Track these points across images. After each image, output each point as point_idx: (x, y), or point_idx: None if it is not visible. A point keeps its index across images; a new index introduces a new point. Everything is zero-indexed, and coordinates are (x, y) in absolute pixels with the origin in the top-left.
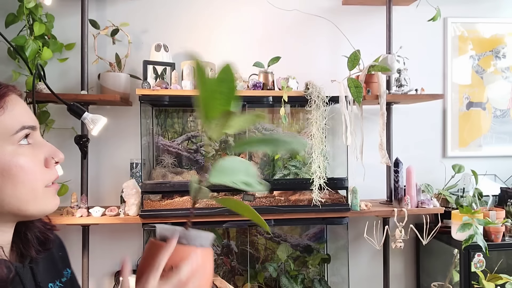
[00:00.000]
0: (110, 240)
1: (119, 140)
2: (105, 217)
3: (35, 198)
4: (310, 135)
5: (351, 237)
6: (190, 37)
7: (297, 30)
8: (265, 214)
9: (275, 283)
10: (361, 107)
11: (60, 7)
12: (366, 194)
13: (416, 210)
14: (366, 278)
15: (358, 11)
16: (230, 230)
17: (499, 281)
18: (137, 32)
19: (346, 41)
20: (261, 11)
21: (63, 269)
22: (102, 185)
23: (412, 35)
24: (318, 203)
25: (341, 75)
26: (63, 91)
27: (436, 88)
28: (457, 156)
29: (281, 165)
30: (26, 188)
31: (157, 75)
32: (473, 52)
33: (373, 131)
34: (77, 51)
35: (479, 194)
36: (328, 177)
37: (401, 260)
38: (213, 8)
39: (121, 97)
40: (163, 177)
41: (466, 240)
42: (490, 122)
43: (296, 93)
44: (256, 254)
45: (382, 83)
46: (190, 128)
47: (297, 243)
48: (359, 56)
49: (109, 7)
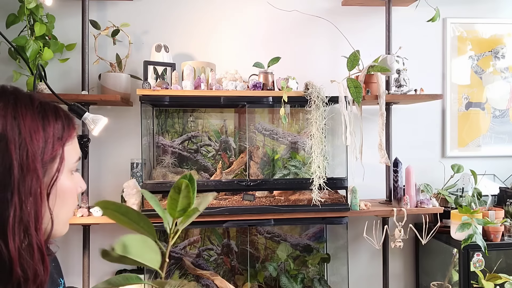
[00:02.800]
0: (111, 240)
1: (119, 140)
2: (106, 217)
3: (66, 221)
4: (310, 135)
5: (350, 237)
6: (191, 37)
7: (297, 31)
8: (265, 213)
9: (275, 282)
10: (360, 107)
11: (60, 8)
12: (365, 194)
13: (416, 210)
14: (366, 277)
15: (358, 11)
16: (230, 229)
17: (498, 280)
18: (138, 33)
19: (345, 41)
20: (261, 12)
21: (57, 279)
22: (103, 185)
23: (412, 36)
24: (317, 203)
25: (340, 76)
26: (64, 92)
27: (435, 89)
28: (456, 156)
29: (281, 165)
30: (68, 211)
31: (158, 76)
32: (472, 53)
33: (373, 131)
34: (77, 52)
35: (478, 194)
36: (328, 177)
37: (401, 259)
38: (213, 9)
39: (121, 97)
40: (164, 177)
41: (465, 239)
42: (489, 122)
43: (296, 93)
44: (256, 254)
45: (382, 83)
46: (190, 128)
47: (297, 243)
48: (358, 57)
49: (110, 7)
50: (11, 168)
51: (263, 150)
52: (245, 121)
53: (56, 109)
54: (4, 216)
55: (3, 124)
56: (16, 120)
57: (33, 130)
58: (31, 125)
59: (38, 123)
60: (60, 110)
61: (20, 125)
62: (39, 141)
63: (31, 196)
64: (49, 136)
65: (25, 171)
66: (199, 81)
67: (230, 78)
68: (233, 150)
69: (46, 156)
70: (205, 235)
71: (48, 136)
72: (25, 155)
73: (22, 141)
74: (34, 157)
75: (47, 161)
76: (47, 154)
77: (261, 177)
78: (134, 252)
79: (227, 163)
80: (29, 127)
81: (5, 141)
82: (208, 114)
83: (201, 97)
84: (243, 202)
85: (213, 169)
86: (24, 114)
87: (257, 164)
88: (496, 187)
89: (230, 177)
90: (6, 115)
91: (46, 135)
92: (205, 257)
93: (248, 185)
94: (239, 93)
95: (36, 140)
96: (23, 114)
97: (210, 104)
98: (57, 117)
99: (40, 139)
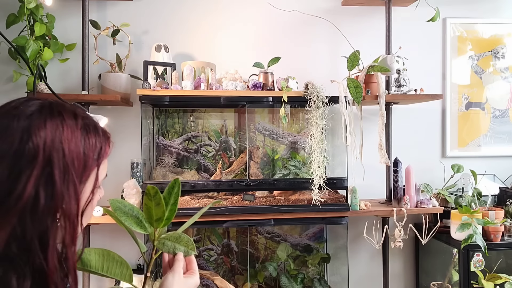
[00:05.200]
0: (111, 239)
1: (119, 140)
2: (106, 217)
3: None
4: (310, 135)
5: (350, 237)
6: (191, 37)
7: (297, 31)
8: (265, 213)
9: (275, 282)
10: (360, 107)
11: (60, 8)
12: (365, 194)
13: (416, 209)
14: (366, 277)
15: (358, 11)
16: (230, 229)
17: (498, 280)
18: (138, 33)
19: (345, 41)
20: (261, 12)
21: None
22: (103, 185)
23: (412, 36)
24: (317, 203)
25: (340, 76)
26: (64, 92)
27: (435, 89)
28: (456, 156)
29: (281, 165)
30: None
31: (158, 76)
32: (472, 53)
33: (373, 131)
34: (77, 52)
35: (478, 194)
36: (328, 177)
37: (401, 259)
38: (213, 9)
39: (121, 97)
40: (164, 177)
41: (465, 239)
42: (489, 122)
43: (296, 93)
44: (256, 254)
45: (382, 83)
46: (190, 128)
47: (297, 243)
48: (358, 57)
49: (110, 7)
50: (54, 186)
51: (263, 150)
52: (245, 121)
53: (95, 126)
54: (47, 233)
55: (50, 146)
56: (62, 142)
57: (76, 153)
58: (75, 147)
59: (79, 144)
60: (99, 127)
61: (64, 148)
62: (80, 162)
63: (71, 215)
64: (88, 157)
65: (65, 190)
66: (199, 81)
67: (230, 78)
68: (233, 150)
69: (84, 177)
70: (205, 235)
71: (88, 158)
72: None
73: (65, 164)
74: (74, 177)
75: (84, 180)
76: (85, 175)
77: (261, 177)
78: (95, 266)
79: (227, 163)
80: (73, 149)
81: (50, 165)
82: (208, 114)
83: (201, 97)
84: (243, 202)
85: (213, 169)
86: (70, 137)
87: (257, 164)
88: (496, 187)
89: (230, 177)
90: (54, 137)
91: (85, 157)
92: (205, 257)
93: (248, 185)
94: (239, 93)
95: (78, 160)
96: (68, 136)
97: (210, 104)
98: (97, 135)
99: (81, 160)
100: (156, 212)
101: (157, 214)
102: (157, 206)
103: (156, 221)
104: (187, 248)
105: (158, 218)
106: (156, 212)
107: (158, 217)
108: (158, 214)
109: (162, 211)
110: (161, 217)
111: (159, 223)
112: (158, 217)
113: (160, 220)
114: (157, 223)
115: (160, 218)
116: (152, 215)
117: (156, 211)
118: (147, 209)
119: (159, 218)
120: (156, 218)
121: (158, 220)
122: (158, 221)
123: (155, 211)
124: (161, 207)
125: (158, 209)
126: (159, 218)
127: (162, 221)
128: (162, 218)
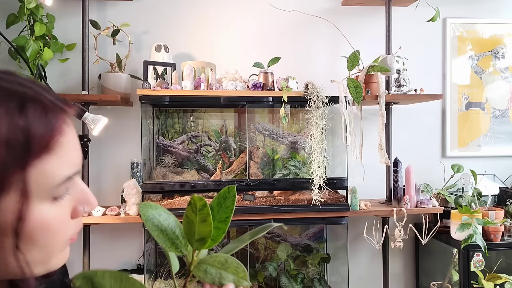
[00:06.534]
0: (111, 239)
1: (119, 140)
2: (106, 217)
3: (47, 260)
4: (310, 135)
5: (350, 237)
6: (191, 37)
7: (297, 31)
8: (265, 213)
9: (275, 282)
10: (360, 107)
11: (60, 8)
12: (365, 194)
13: (416, 210)
14: (366, 277)
15: (358, 11)
16: (230, 229)
17: (498, 280)
18: (138, 33)
19: (345, 41)
20: (261, 12)
21: None
22: (103, 185)
23: (412, 36)
24: (317, 203)
25: (340, 76)
26: (64, 91)
27: (435, 89)
28: (456, 156)
29: (281, 165)
30: (42, 252)
31: (158, 76)
32: (472, 53)
33: (373, 131)
34: (77, 52)
35: (478, 194)
36: (328, 177)
37: (401, 259)
38: (213, 9)
39: (121, 97)
40: (164, 177)
41: (465, 239)
42: (489, 122)
43: (296, 93)
44: (256, 254)
45: (382, 83)
46: (190, 128)
47: (297, 243)
48: (358, 57)
49: (110, 7)
50: None
51: (263, 150)
52: (245, 121)
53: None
54: None
55: None
56: None
57: None
58: None
59: None
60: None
61: None
62: None
63: None
64: None
65: None
66: (199, 81)
67: (230, 78)
68: (233, 150)
69: None
70: None
71: None
72: None
73: None
74: None
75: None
76: None
77: (261, 177)
78: None
79: (227, 163)
80: None
81: None
82: (208, 114)
83: (201, 97)
84: (243, 202)
85: (213, 169)
86: None
87: (257, 164)
88: (496, 187)
89: (230, 177)
90: None
91: None
92: None
93: (248, 185)
94: (239, 93)
95: None
96: None
97: (210, 104)
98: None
99: None
100: (200, 230)
101: (200, 233)
102: (203, 223)
103: (197, 241)
104: (237, 276)
105: (200, 238)
106: (200, 230)
107: (201, 236)
108: (202, 233)
109: (209, 231)
110: (205, 237)
111: (201, 244)
112: (201, 236)
113: (203, 241)
114: (198, 243)
115: (203, 239)
116: (194, 232)
117: (200, 228)
118: (187, 224)
119: (202, 238)
120: (199, 238)
121: (201, 240)
122: (200, 241)
123: (199, 228)
124: (208, 226)
125: (204, 227)
126: (202, 238)
127: (205, 242)
128: (206, 239)
